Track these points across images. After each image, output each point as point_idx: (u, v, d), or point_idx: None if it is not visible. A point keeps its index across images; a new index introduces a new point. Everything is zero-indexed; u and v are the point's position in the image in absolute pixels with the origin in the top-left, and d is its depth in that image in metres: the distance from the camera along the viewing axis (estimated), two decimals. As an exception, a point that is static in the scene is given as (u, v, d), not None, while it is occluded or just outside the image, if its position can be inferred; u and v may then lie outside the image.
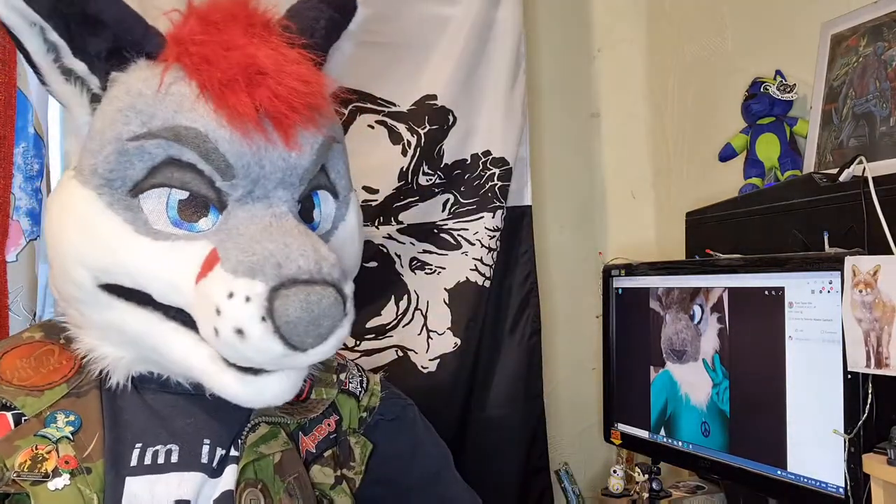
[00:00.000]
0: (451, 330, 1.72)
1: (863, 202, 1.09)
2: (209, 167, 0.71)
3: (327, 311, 0.67)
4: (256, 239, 0.70)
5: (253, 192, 0.73)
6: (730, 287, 1.21)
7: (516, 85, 1.79)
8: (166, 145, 0.70)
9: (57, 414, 0.74)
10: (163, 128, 0.70)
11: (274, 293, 0.66)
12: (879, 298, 0.94)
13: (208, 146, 0.70)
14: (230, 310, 0.66)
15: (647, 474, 1.46)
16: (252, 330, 0.66)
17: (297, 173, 0.75)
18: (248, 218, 0.72)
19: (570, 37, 2.06)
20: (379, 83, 1.67)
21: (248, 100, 0.70)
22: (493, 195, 1.76)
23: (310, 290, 0.66)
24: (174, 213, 0.72)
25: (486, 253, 1.74)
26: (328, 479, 0.85)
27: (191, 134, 0.70)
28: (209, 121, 0.70)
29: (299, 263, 0.68)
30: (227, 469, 0.78)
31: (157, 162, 0.71)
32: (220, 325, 0.67)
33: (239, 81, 0.70)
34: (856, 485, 0.99)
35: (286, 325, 0.65)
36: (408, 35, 1.69)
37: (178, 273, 0.70)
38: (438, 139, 1.72)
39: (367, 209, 1.66)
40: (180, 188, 0.71)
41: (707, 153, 1.75)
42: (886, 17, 1.29)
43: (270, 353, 0.67)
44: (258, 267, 0.67)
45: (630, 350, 1.45)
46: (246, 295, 0.66)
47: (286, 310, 0.65)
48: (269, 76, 0.71)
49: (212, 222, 0.72)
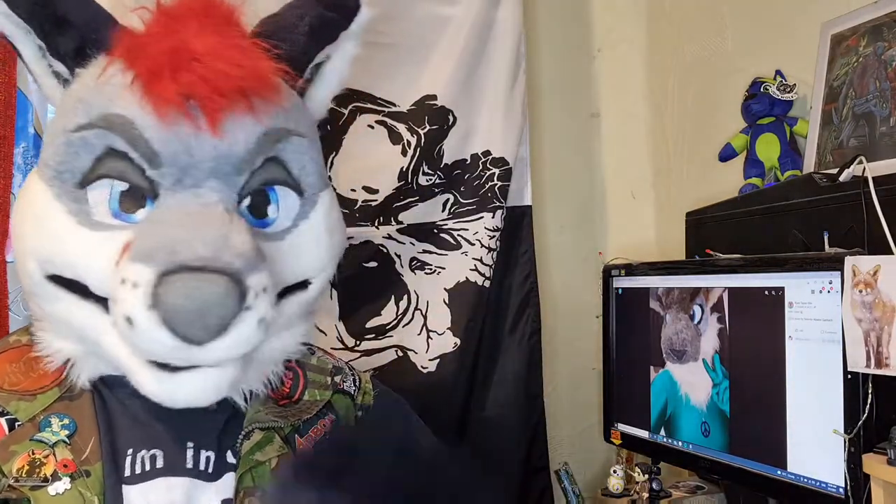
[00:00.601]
0: (451, 330, 1.72)
1: (863, 202, 1.09)
2: (137, 155, 0.70)
3: (214, 301, 0.63)
4: (170, 225, 0.68)
5: (182, 180, 0.71)
6: (730, 287, 1.21)
7: (516, 85, 1.79)
8: (103, 135, 0.70)
9: (51, 418, 0.73)
10: (98, 117, 0.70)
11: (160, 279, 0.63)
12: (879, 298, 0.94)
13: (134, 133, 0.70)
14: (120, 297, 0.65)
15: (647, 474, 1.46)
16: (139, 318, 0.64)
17: (231, 162, 0.73)
18: (174, 206, 0.71)
19: (570, 37, 2.06)
20: (379, 83, 1.67)
21: (172, 85, 0.68)
22: (493, 195, 1.76)
23: (197, 277, 0.63)
24: (115, 204, 0.71)
25: (485, 253, 1.74)
26: None
27: (119, 121, 0.70)
28: (136, 108, 0.70)
29: (196, 249, 0.65)
30: (226, 477, 0.77)
31: (99, 153, 0.71)
32: (114, 314, 0.66)
33: (165, 68, 0.69)
34: (856, 485, 0.98)
35: (168, 314, 0.63)
36: (408, 35, 1.69)
37: (106, 263, 0.69)
38: (438, 139, 1.72)
39: (367, 209, 1.66)
40: (119, 179, 0.71)
41: (707, 153, 1.75)
42: (886, 17, 1.29)
43: (160, 343, 0.64)
44: (152, 252, 0.65)
45: (630, 350, 1.45)
46: (133, 281, 0.64)
47: (167, 297, 0.62)
48: (199, 61, 0.69)
49: (148, 213, 0.72)
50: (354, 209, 1.65)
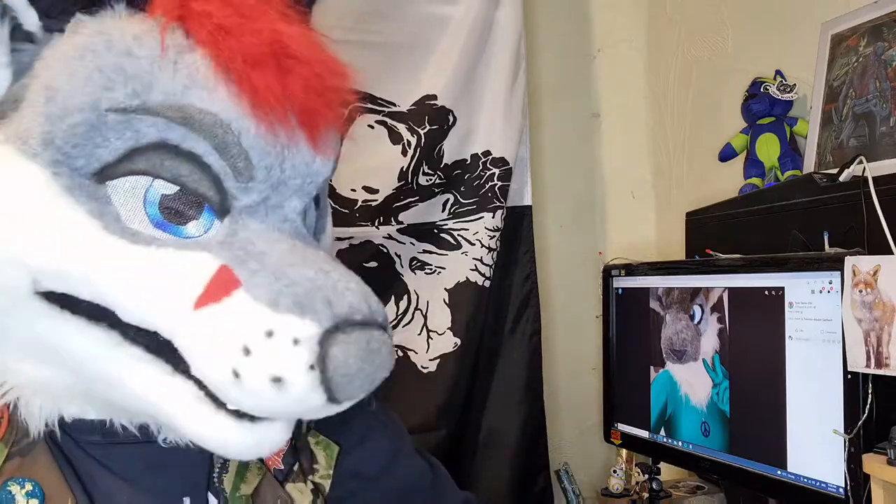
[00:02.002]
0: (451, 330, 1.72)
1: (863, 202, 1.09)
2: (222, 163, 0.57)
3: (385, 362, 0.56)
4: (289, 263, 0.57)
5: (269, 199, 0.59)
6: (730, 287, 1.21)
7: (516, 85, 1.79)
8: (165, 126, 0.55)
9: (9, 486, 0.59)
10: (165, 105, 0.55)
11: (329, 337, 0.53)
12: (879, 298, 0.94)
13: (228, 138, 0.56)
14: (269, 352, 0.53)
15: (647, 474, 1.46)
16: (297, 379, 0.53)
17: (317, 182, 0.63)
18: (263, 232, 0.59)
19: (570, 37, 2.06)
20: (379, 83, 1.67)
21: (278, 87, 0.57)
22: (493, 195, 1.76)
23: (370, 337, 0.54)
24: (156, 210, 0.56)
25: (486, 253, 1.74)
26: (306, 497, 0.75)
27: (207, 119, 0.56)
28: (230, 106, 0.56)
29: (350, 301, 0.55)
30: None
31: (142, 143, 0.55)
32: (246, 369, 0.53)
33: (268, 62, 0.56)
34: (856, 485, 0.98)
35: (341, 378, 0.53)
36: (408, 35, 1.69)
37: (166, 290, 0.55)
38: (438, 139, 1.72)
39: (367, 209, 1.66)
40: (169, 181, 0.56)
41: (707, 153, 1.75)
42: (886, 17, 1.29)
43: (308, 406, 0.54)
44: (306, 301, 0.54)
45: (630, 350, 1.45)
46: (294, 337, 0.53)
47: (346, 360, 0.53)
48: (300, 61, 0.58)
49: (204, 228, 0.58)
50: (354, 209, 1.65)
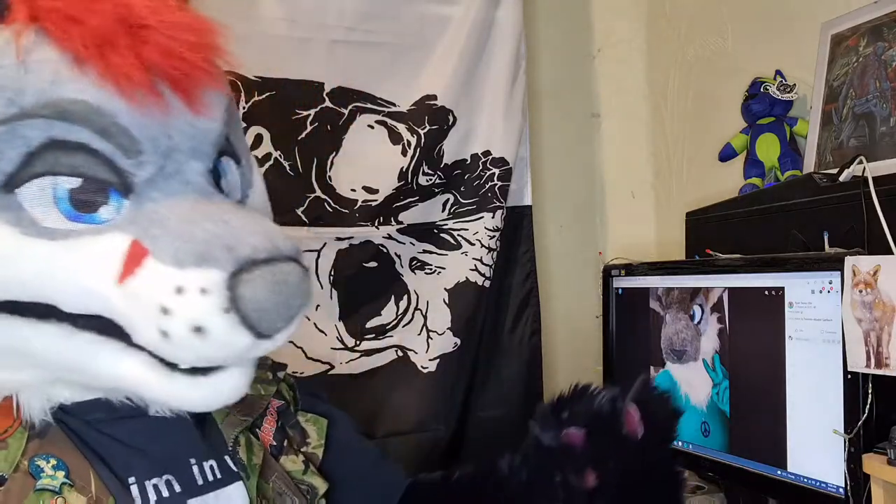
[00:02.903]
0: (451, 330, 1.72)
1: (863, 202, 1.09)
2: (108, 145, 0.59)
3: (297, 289, 0.60)
4: (189, 221, 0.60)
5: (164, 168, 0.62)
6: (730, 287, 1.21)
7: (516, 85, 1.79)
8: (46, 125, 0.57)
9: (37, 461, 0.64)
10: (39, 104, 0.57)
11: (234, 279, 0.57)
12: (879, 298, 0.94)
13: (105, 120, 0.58)
14: (183, 306, 0.57)
15: (647, 474, 1.46)
16: (214, 324, 0.57)
17: (210, 140, 0.65)
18: (166, 199, 0.62)
19: (570, 37, 2.06)
20: (379, 83, 1.67)
21: (135, 60, 0.58)
22: (493, 195, 1.76)
23: (276, 270, 0.58)
24: (66, 204, 0.59)
25: (485, 253, 1.74)
26: (299, 466, 0.83)
27: (80, 108, 0.58)
28: (95, 90, 0.58)
29: (252, 242, 0.59)
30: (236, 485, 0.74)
31: (33, 147, 0.57)
32: (170, 326, 0.57)
33: (119, 39, 0.58)
34: (856, 485, 0.98)
35: (256, 313, 0.57)
36: (408, 35, 1.69)
37: (90, 275, 0.59)
38: (438, 139, 1.72)
39: (366, 209, 1.66)
40: (70, 175, 0.59)
41: (707, 153, 1.75)
42: (886, 17, 1.29)
43: (236, 346, 0.59)
44: (206, 253, 0.58)
45: (630, 350, 1.45)
46: (200, 287, 0.57)
47: (255, 295, 0.57)
48: (153, 29, 0.59)
49: (115, 210, 0.60)
50: (354, 209, 1.65)
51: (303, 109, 1.60)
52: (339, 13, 1.63)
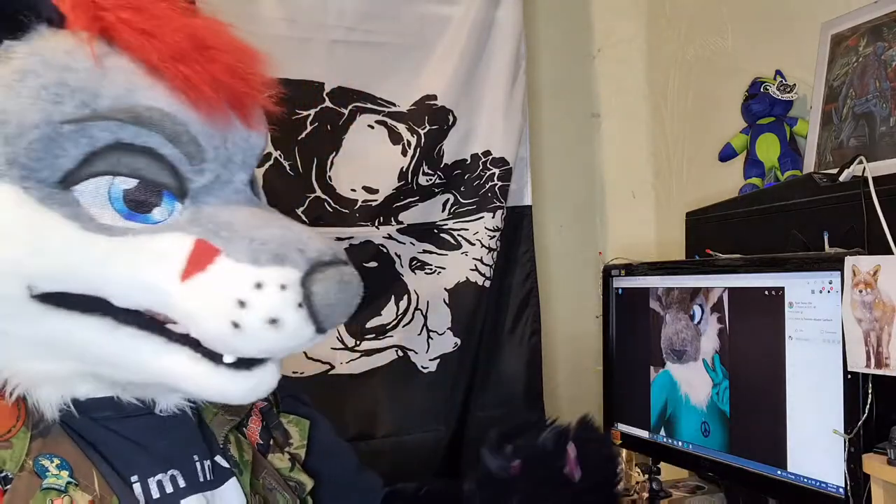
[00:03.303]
0: (451, 330, 1.72)
1: (863, 202, 1.09)
2: (176, 151, 0.63)
3: (357, 289, 0.66)
4: (255, 225, 0.66)
5: (220, 176, 0.67)
6: (730, 287, 1.21)
7: (516, 85, 1.80)
8: (117, 128, 0.61)
9: (41, 460, 0.65)
10: (115, 108, 0.61)
11: (308, 278, 0.63)
12: (879, 298, 0.94)
13: (177, 128, 0.63)
14: (262, 300, 0.62)
15: (647, 474, 1.46)
16: (289, 317, 0.62)
17: (256, 153, 0.72)
18: (223, 205, 0.67)
19: (570, 37, 2.06)
20: (379, 83, 1.67)
21: (206, 75, 0.63)
22: (493, 195, 1.76)
23: (341, 272, 0.65)
24: (121, 204, 0.63)
25: (486, 253, 1.74)
26: (286, 463, 0.86)
27: (155, 115, 0.62)
28: (169, 100, 0.63)
29: (317, 246, 0.65)
30: (230, 482, 0.76)
31: (97, 147, 0.61)
32: (245, 318, 0.62)
33: (191, 55, 0.63)
34: (856, 485, 0.98)
35: (325, 309, 0.63)
36: (408, 35, 1.69)
37: (151, 271, 0.63)
38: (438, 139, 1.72)
39: (367, 209, 1.66)
40: (128, 176, 0.62)
41: (707, 153, 1.75)
42: (886, 17, 1.29)
43: (302, 338, 0.64)
44: (283, 253, 0.63)
45: (630, 350, 1.45)
46: (280, 283, 0.62)
47: (326, 293, 0.63)
48: (220, 51, 0.65)
49: (168, 212, 0.65)
50: (354, 209, 1.65)
51: (303, 109, 1.60)
52: (339, 13, 1.63)
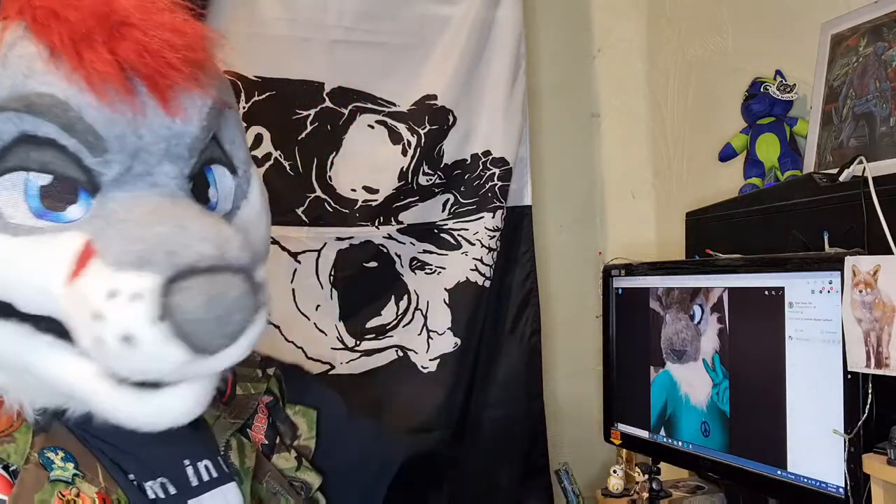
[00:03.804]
0: (451, 330, 1.72)
1: (863, 202, 1.09)
2: (74, 141, 0.58)
3: (237, 304, 0.56)
4: (144, 223, 0.58)
5: (132, 168, 0.60)
6: (730, 287, 1.21)
7: (516, 85, 1.79)
8: (17, 119, 0.57)
9: (46, 453, 0.63)
10: (10, 97, 0.57)
11: (170, 287, 0.54)
12: (879, 298, 0.94)
13: (70, 115, 0.57)
14: (113, 312, 0.54)
15: (647, 474, 1.46)
16: (144, 335, 0.54)
17: (185, 143, 0.63)
18: (129, 200, 0.60)
19: (570, 37, 2.06)
20: (379, 83, 1.67)
21: (109, 56, 0.57)
22: (493, 195, 1.76)
23: (214, 281, 0.56)
24: (36, 201, 0.58)
25: (486, 253, 1.74)
26: (291, 463, 0.83)
27: (46, 101, 0.57)
28: (66, 85, 0.57)
29: (198, 249, 0.56)
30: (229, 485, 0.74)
31: (7, 141, 0.57)
32: (102, 333, 0.55)
33: (96, 35, 0.57)
34: (856, 485, 0.98)
35: (189, 325, 0.54)
36: (408, 35, 1.69)
37: (44, 274, 0.57)
38: (438, 139, 1.72)
39: (367, 209, 1.66)
40: (40, 171, 0.58)
41: (707, 153, 1.75)
42: (886, 17, 1.29)
43: (170, 360, 0.55)
44: (146, 256, 0.55)
45: (630, 350, 1.45)
46: (133, 292, 0.54)
47: (188, 306, 0.54)
48: (134, 27, 0.58)
49: (83, 209, 0.59)
50: (354, 209, 1.65)
51: (303, 109, 1.61)
52: (339, 13, 1.63)
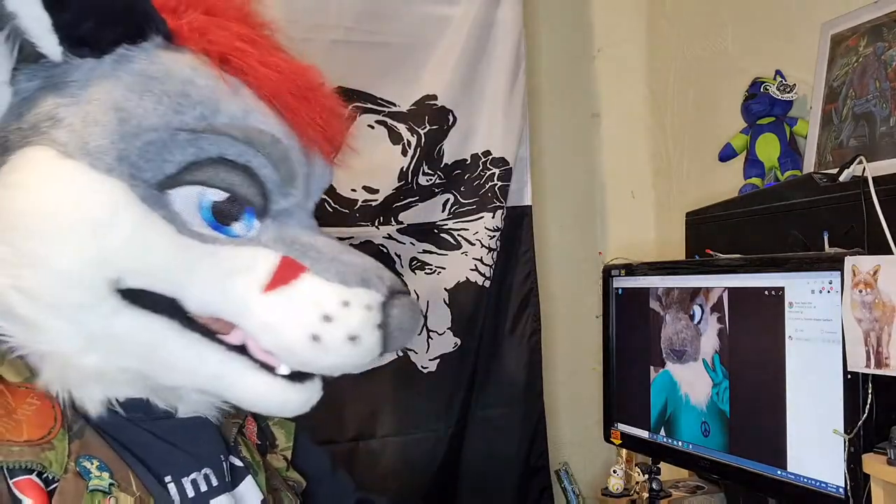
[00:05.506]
0: (451, 330, 1.72)
1: (863, 202, 1.09)
2: (274, 174, 0.69)
3: (421, 319, 0.78)
4: (336, 250, 0.73)
5: (300, 203, 0.75)
6: (730, 287, 1.21)
7: (516, 85, 1.79)
8: (227, 144, 0.66)
9: (82, 462, 0.65)
10: (231, 126, 0.66)
11: (388, 303, 0.69)
12: (879, 298, 0.94)
13: (281, 154, 0.69)
14: (347, 317, 0.68)
15: (647, 474, 1.46)
16: (369, 336, 0.68)
17: (323, 188, 0.80)
18: (301, 229, 0.74)
19: (571, 37, 2.06)
20: (379, 83, 1.67)
21: (314, 114, 0.72)
22: (493, 195, 1.76)
23: (412, 301, 0.72)
24: (209, 214, 0.66)
25: (486, 253, 1.74)
26: (282, 463, 0.88)
27: (266, 139, 0.68)
28: (277, 126, 0.70)
29: (389, 275, 0.72)
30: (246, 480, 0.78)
31: (202, 158, 0.65)
32: (326, 332, 0.67)
33: (305, 93, 0.72)
34: (856, 485, 0.98)
35: (397, 332, 0.69)
36: (408, 35, 1.69)
37: (237, 281, 0.67)
38: (438, 139, 1.72)
39: (367, 209, 1.66)
40: (222, 188, 0.66)
41: (707, 153, 1.75)
42: (886, 18, 1.29)
43: (370, 357, 0.70)
44: (368, 278, 0.70)
45: (630, 350, 1.45)
46: (367, 304, 0.68)
47: (402, 318, 0.70)
48: (320, 93, 0.74)
49: (247, 228, 0.69)
50: (354, 209, 1.65)
51: (303, 109, 1.60)
52: (339, 13, 1.62)
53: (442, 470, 1.71)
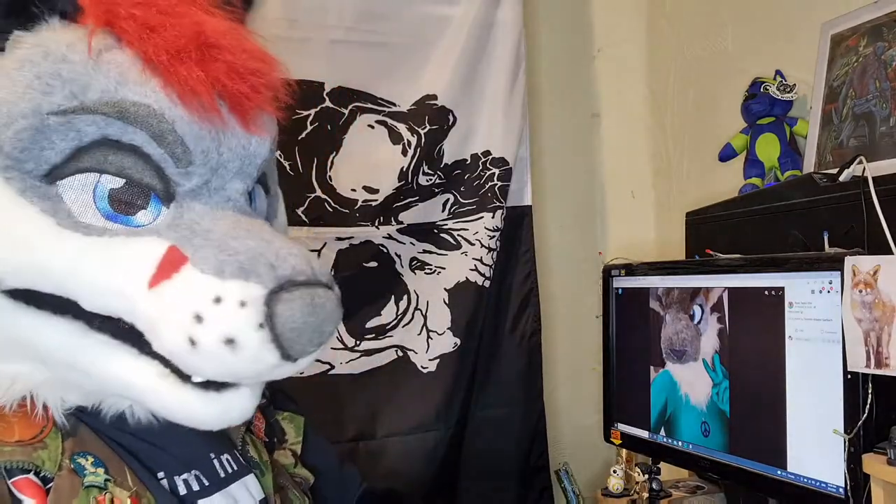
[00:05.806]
0: (451, 330, 1.72)
1: (863, 202, 1.09)
2: (161, 151, 0.61)
3: (331, 316, 0.60)
4: (232, 235, 0.61)
5: (210, 182, 0.64)
6: (730, 287, 1.21)
7: (516, 85, 1.79)
8: (104, 123, 0.59)
9: (77, 458, 0.63)
10: (101, 102, 0.59)
11: (273, 297, 0.58)
12: (879, 298, 0.94)
13: (163, 126, 0.60)
14: (218, 316, 0.57)
15: (647, 474, 1.46)
16: (247, 338, 0.57)
17: (256, 163, 0.67)
18: (208, 212, 0.63)
19: (570, 37, 2.06)
20: (379, 83, 1.67)
21: (202, 74, 0.60)
22: (493, 195, 1.76)
23: (314, 293, 0.59)
24: (105, 203, 0.60)
25: (485, 253, 1.74)
26: (290, 459, 0.86)
27: (141, 111, 0.60)
28: (159, 96, 0.60)
29: (293, 263, 0.60)
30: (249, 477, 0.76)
31: (85, 142, 0.59)
32: (200, 334, 0.57)
33: (191, 53, 0.60)
34: (856, 485, 0.98)
35: (289, 333, 0.58)
36: (408, 35, 1.70)
37: (121, 275, 0.59)
38: (438, 139, 1.72)
39: (367, 209, 1.66)
40: (115, 174, 0.60)
41: (707, 153, 1.75)
42: (886, 18, 1.29)
43: (263, 364, 0.59)
44: (250, 267, 0.58)
45: (630, 350, 1.45)
46: (240, 299, 0.57)
47: (291, 315, 0.58)
48: (225, 50, 0.62)
49: (153, 216, 0.62)
50: (354, 209, 1.65)
51: (303, 109, 1.61)
52: (339, 13, 1.63)
53: (442, 470, 1.71)
